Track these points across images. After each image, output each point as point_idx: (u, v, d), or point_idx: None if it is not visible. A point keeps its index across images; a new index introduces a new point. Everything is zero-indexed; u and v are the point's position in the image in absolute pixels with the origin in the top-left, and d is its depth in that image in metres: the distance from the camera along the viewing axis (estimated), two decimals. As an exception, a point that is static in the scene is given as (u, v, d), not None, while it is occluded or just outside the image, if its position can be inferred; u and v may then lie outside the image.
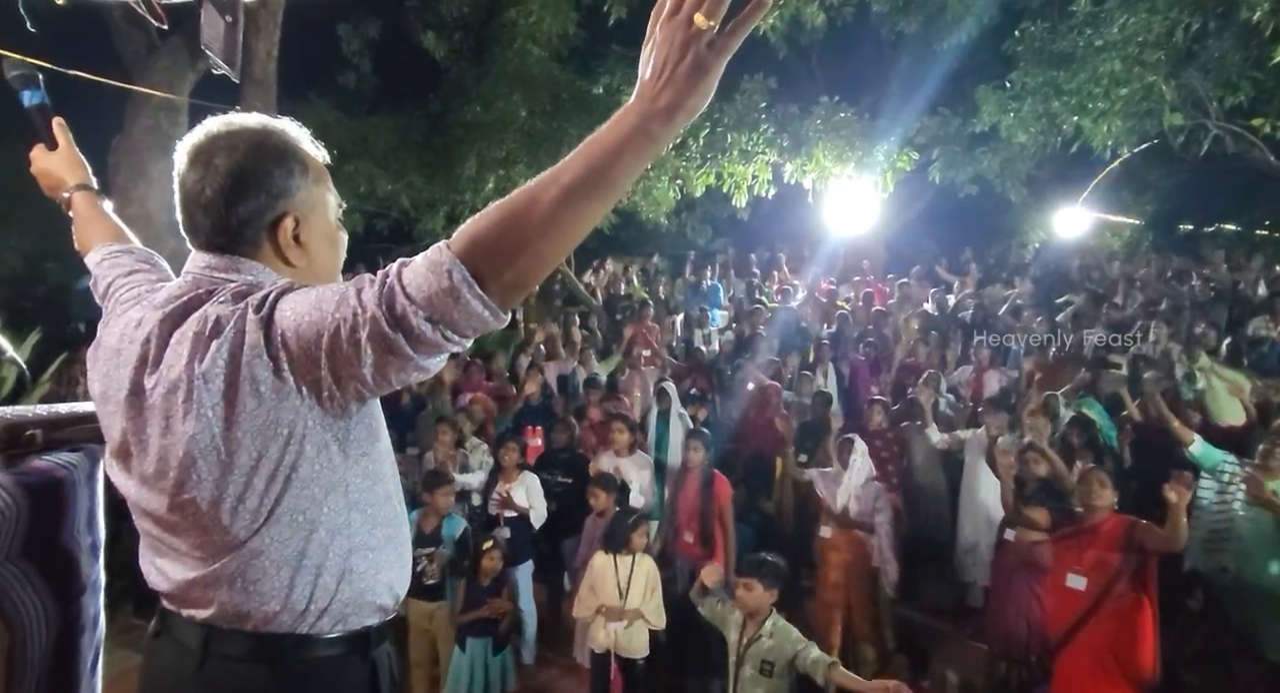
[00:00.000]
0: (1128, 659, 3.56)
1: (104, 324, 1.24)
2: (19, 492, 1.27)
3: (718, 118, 9.42)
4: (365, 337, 0.94)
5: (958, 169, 10.15)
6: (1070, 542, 3.84)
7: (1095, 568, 3.66)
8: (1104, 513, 3.76)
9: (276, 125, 1.19)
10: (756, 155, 9.14)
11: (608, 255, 11.58)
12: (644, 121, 0.89)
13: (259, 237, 1.15)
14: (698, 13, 0.87)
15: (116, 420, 1.13)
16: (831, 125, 8.84)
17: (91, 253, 1.50)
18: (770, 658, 3.15)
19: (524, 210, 0.90)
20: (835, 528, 4.81)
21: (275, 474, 1.04)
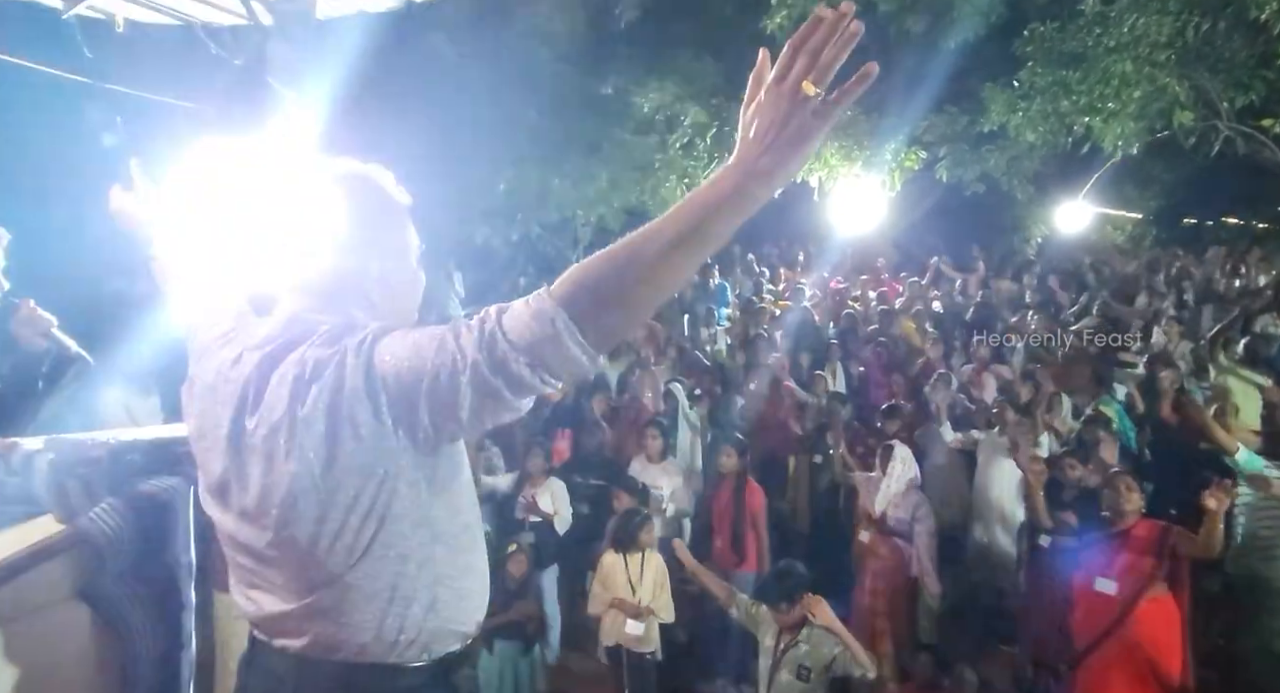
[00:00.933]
0: (1157, 666, 3.57)
1: (196, 360, 1.29)
2: (130, 514, 1.33)
3: (725, 117, 9.47)
4: (466, 381, 0.98)
5: (965, 167, 10.17)
6: (1101, 547, 3.83)
7: (1126, 573, 3.66)
8: (1134, 517, 3.75)
9: (368, 170, 1.24)
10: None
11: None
12: (745, 182, 0.94)
13: (347, 279, 1.20)
14: (806, 80, 0.91)
15: (216, 458, 1.17)
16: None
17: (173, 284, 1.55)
18: (807, 663, 3.21)
19: (625, 263, 0.96)
20: (874, 533, 4.81)
21: (370, 512, 1.08)
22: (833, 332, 8.53)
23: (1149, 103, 6.30)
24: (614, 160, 8.60)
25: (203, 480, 1.23)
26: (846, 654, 3.13)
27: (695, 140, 9.38)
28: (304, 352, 1.10)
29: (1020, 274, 11.52)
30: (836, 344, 7.66)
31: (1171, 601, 3.65)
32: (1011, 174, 10.32)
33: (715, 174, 0.97)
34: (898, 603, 4.77)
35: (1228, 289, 7.89)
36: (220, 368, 1.21)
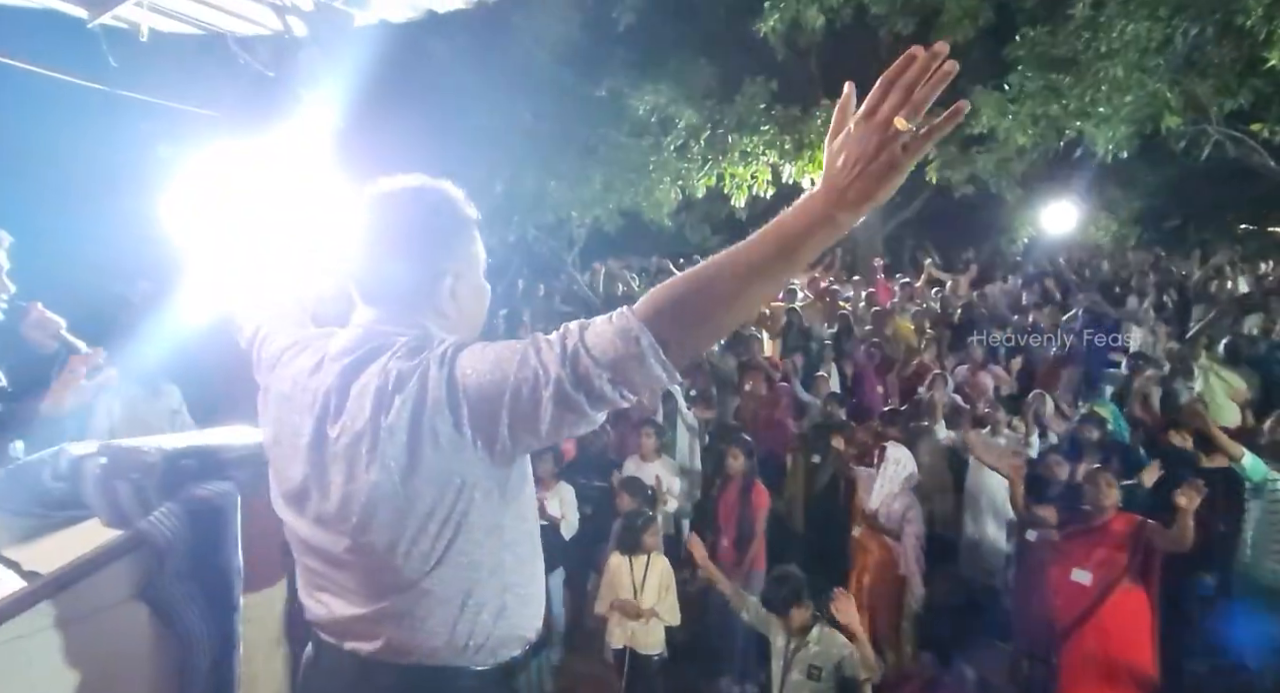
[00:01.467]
0: (1128, 655, 3.73)
1: (268, 370, 1.32)
2: (187, 518, 1.36)
3: (719, 119, 9.54)
4: (548, 396, 1.01)
5: (954, 169, 10.34)
6: (1079, 539, 3.99)
7: (1101, 565, 3.82)
8: (1111, 512, 3.92)
9: (441, 186, 1.27)
10: (757, 156, 9.27)
11: (608, 256, 11.67)
12: (832, 211, 0.97)
13: (423, 292, 1.23)
14: (899, 116, 0.93)
15: (294, 465, 1.20)
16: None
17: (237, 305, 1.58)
18: (817, 663, 3.26)
19: (710, 284, 0.99)
20: (865, 529, 4.91)
21: (447, 520, 1.11)
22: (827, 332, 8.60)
23: (1141, 107, 6.42)
24: (609, 162, 8.65)
25: (277, 486, 1.26)
26: (855, 655, 3.19)
27: (690, 142, 9.45)
28: (386, 363, 1.13)
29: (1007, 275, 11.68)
30: (830, 345, 7.73)
31: (1142, 593, 3.81)
32: (1000, 176, 10.48)
33: (800, 202, 1.00)
34: (884, 599, 4.86)
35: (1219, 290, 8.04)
36: (297, 377, 1.24)
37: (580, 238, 9.83)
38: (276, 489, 1.27)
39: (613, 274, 11.01)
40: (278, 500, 1.27)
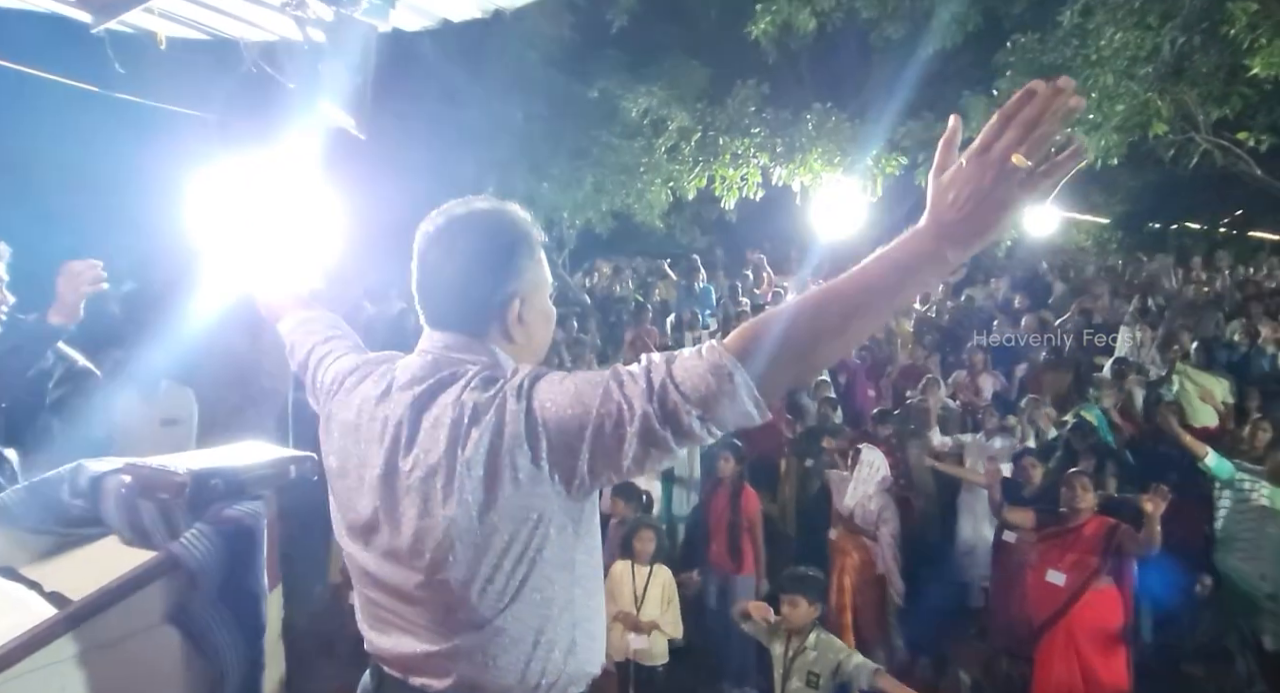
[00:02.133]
0: (1100, 653, 3.82)
1: (328, 396, 1.29)
2: (219, 540, 1.35)
3: (710, 121, 9.56)
4: (634, 432, 0.99)
5: (943, 173, 10.40)
6: (1054, 541, 4.08)
7: (1075, 567, 3.92)
8: (1086, 515, 4.00)
9: (511, 209, 1.25)
10: (748, 159, 9.30)
11: (596, 257, 11.66)
12: (942, 247, 0.95)
13: (491, 317, 1.20)
14: (1017, 153, 0.90)
15: (363, 496, 1.17)
16: (824, 131, 9.02)
17: (285, 319, 1.56)
18: (816, 669, 3.26)
19: (811, 321, 0.97)
20: (842, 530, 4.95)
21: (523, 556, 1.09)
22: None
23: (1131, 115, 6.50)
24: (601, 164, 8.65)
25: (342, 517, 1.23)
26: (853, 660, 3.20)
27: (680, 144, 9.46)
28: (460, 394, 1.11)
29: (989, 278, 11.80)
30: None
31: (1115, 593, 3.91)
32: (987, 180, 10.56)
33: (907, 236, 0.97)
34: (866, 598, 4.91)
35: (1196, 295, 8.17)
36: (363, 405, 1.20)
37: (570, 239, 9.82)
38: (341, 521, 1.24)
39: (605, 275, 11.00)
40: (342, 532, 1.24)
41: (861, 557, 4.93)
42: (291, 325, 1.53)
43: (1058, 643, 3.85)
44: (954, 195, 0.93)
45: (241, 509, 1.40)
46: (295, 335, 1.50)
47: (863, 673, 3.14)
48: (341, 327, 1.52)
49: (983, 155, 0.92)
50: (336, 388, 1.29)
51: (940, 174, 0.96)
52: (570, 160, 8.51)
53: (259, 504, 1.44)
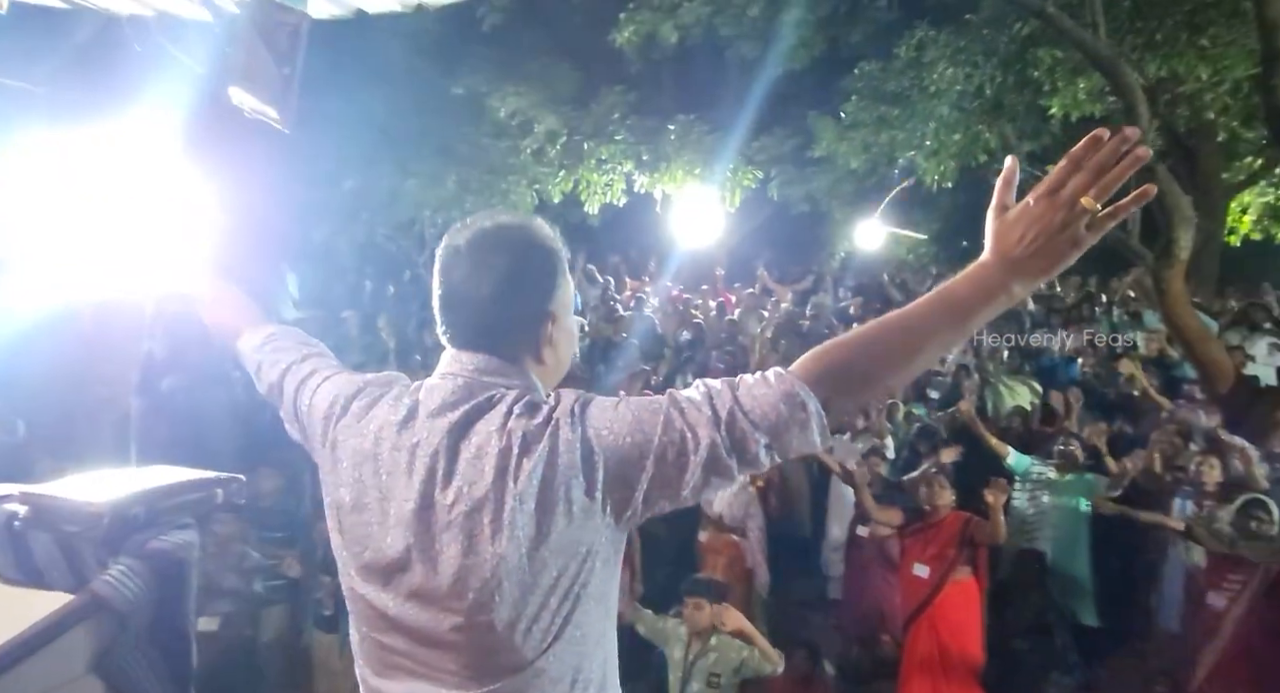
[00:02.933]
0: (960, 637, 4.19)
1: (327, 421, 1.18)
2: (149, 576, 1.20)
3: (576, 125, 9.60)
4: (698, 461, 0.97)
5: (793, 187, 11.10)
6: (918, 536, 4.43)
7: (937, 559, 4.27)
8: (945, 510, 4.37)
9: (540, 224, 1.18)
10: (614, 165, 9.42)
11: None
12: (1009, 282, 0.98)
13: (525, 338, 1.14)
14: (1086, 195, 0.94)
15: (390, 534, 1.07)
16: (687, 142, 9.32)
17: (245, 336, 1.40)
18: (717, 670, 3.34)
19: (883, 352, 0.99)
20: (713, 531, 5.10)
21: (569, 592, 1.04)
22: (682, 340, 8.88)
23: (967, 144, 7.21)
24: (467, 163, 8.43)
25: (355, 557, 1.11)
26: (755, 655, 3.32)
27: (545, 147, 9.42)
28: (506, 422, 1.04)
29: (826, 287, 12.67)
30: (689, 353, 7.99)
31: (973, 582, 4.32)
32: (832, 196, 11.38)
33: (972, 271, 1.00)
34: (736, 593, 5.13)
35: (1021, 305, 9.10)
36: (381, 433, 1.10)
37: (432, 238, 9.49)
38: (352, 561, 1.12)
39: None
40: (351, 572, 1.12)
41: (732, 553, 5.11)
42: (256, 342, 1.38)
43: (926, 631, 4.17)
44: (1021, 233, 0.96)
45: (172, 540, 1.25)
46: (263, 354, 1.35)
47: (766, 667, 3.26)
48: (313, 342, 1.39)
49: (1052, 196, 0.95)
50: (338, 412, 1.17)
51: (1002, 212, 0.99)
52: (435, 157, 8.22)
53: (191, 534, 1.30)
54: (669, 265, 11.70)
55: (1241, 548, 4.02)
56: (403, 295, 9.71)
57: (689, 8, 9.24)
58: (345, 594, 1.16)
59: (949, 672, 4.13)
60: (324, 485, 1.17)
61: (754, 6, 9.50)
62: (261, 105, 1.68)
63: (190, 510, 1.34)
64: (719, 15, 9.58)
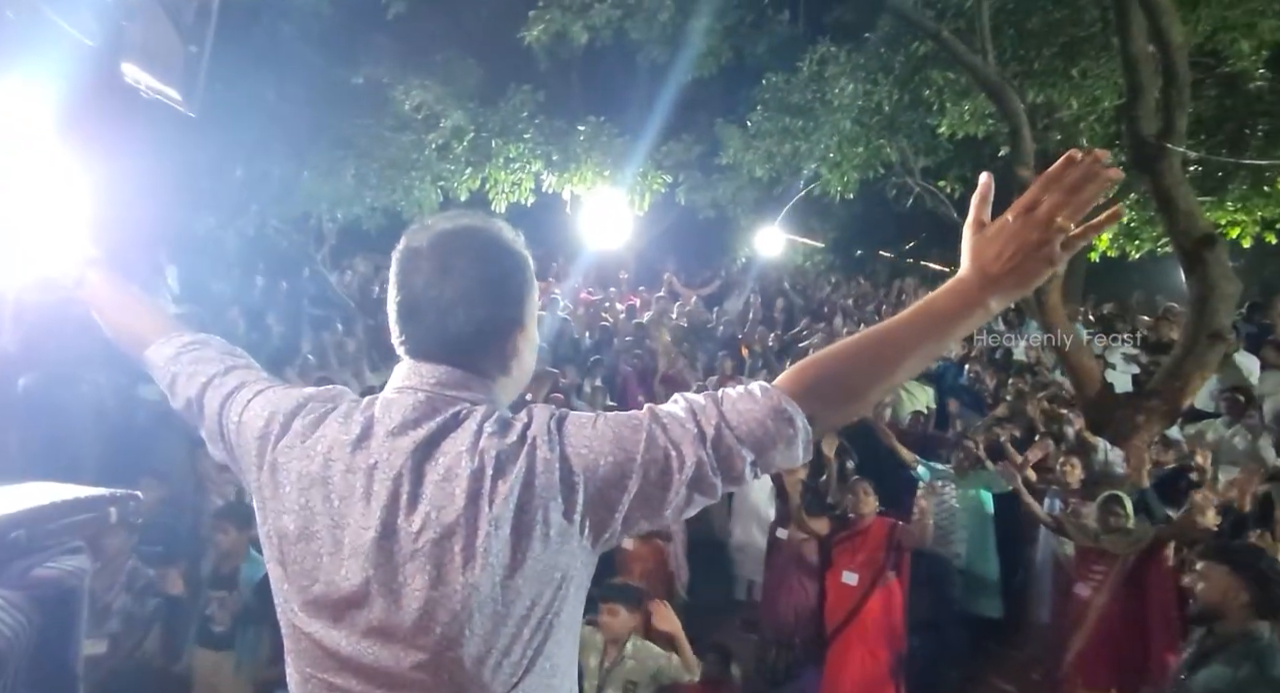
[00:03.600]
0: (885, 641, 4.32)
1: (263, 440, 1.06)
2: (32, 609, 1.06)
3: (482, 122, 9.40)
4: (682, 479, 0.94)
5: (700, 193, 11.28)
6: (846, 544, 4.53)
7: (865, 566, 4.39)
8: (870, 518, 4.50)
9: (506, 226, 1.11)
10: (524, 164, 9.28)
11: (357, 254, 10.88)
12: (987, 297, 0.99)
13: (490, 347, 1.07)
14: (1061, 215, 0.96)
15: (345, 565, 0.98)
16: (597, 144, 9.28)
17: (156, 346, 1.25)
18: (634, 678, 3.29)
19: (864, 364, 0.99)
20: (637, 540, 5.06)
21: (542, 621, 0.99)
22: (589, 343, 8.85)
23: (869, 158, 7.52)
24: (367, 156, 8.08)
25: (304, 590, 1.00)
26: (673, 663, 3.29)
27: (451, 143, 9.17)
28: (478, 441, 0.97)
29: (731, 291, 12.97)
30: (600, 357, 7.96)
31: (897, 585, 4.47)
32: (736, 202, 11.65)
33: (952, 285, 1.01)
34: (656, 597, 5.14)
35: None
36: (331, 453, 1.01)
37: (332, 234, 9.06)
38: (297, 595, 1.01)
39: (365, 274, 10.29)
40: (295, 609, 1.02)
41: (656, 559, 5.09)
42: (169, 352, 1.23)
43: (855, 638, 4.26)
44: (999, 250, 0.98)
45: (60, 567, 1.11)
46: (179, 365, 1.22)
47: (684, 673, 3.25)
48: (238, 351, 1.26)
49: (1029, 215, 0.98)
50: (277, 431, 1.06)
51: (980, 228, 1.01)
52: (332, 149, 7.83)
53: (81, 559, 1.16)
54: (577, 267, 11.65)
55: (1104, 541, 4.36)
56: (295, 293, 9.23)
57: (600, 9, 9.21)
58: (285, 631, 1.05)
59: (877, 674, 4.24)
60: (261, 513, 1.05)
61: (664, 12, 9.57)
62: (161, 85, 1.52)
63: (79, 533, 1.20)
64: (629, 19, 9.60)
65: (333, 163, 7.81)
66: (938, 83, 7.84)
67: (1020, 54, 7.55)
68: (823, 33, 8.94)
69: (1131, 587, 4.24)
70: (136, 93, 1.54)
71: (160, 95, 1.57)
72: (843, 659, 4.33)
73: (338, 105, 8.00)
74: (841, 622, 4.37)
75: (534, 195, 9.72)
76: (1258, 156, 9.22)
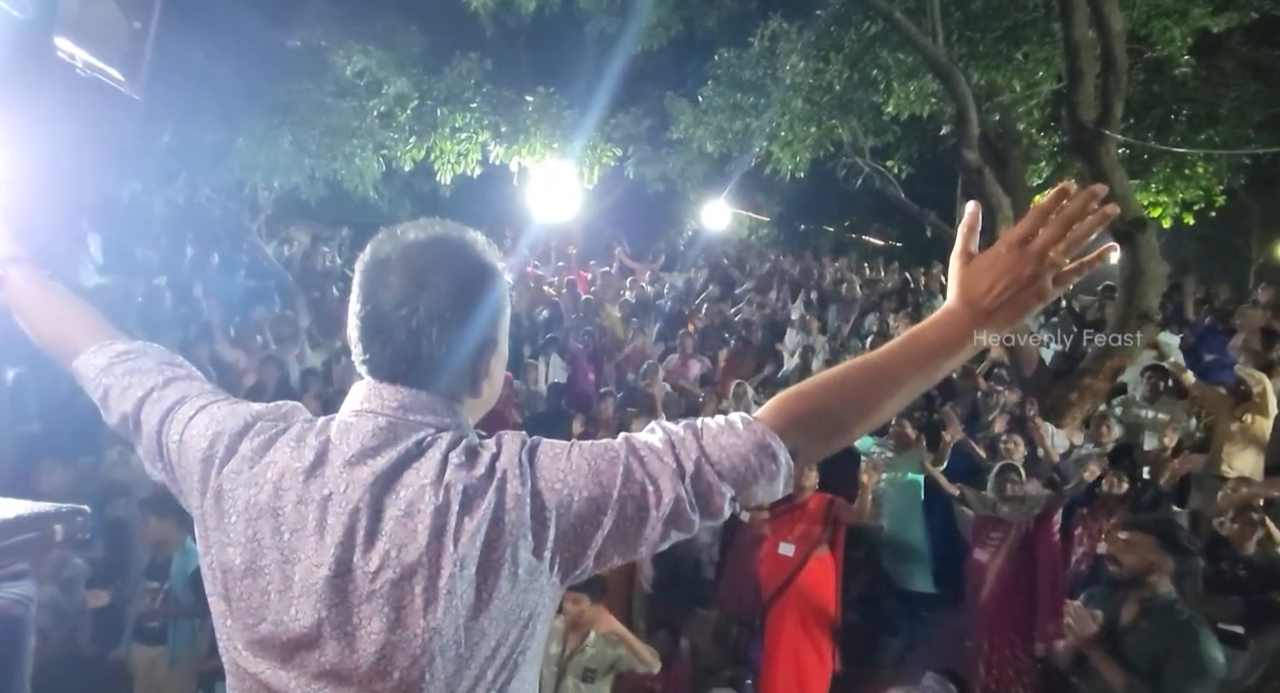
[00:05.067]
0: (818, 610, 4.47)
1: (205, 463, 0.98)
2: (-23, 643, 0.98)
3: (426, 90, 9.10)
4: (659, 515, 0.90)
5: (649, 167, 11.17)
6: (785, 517, 4.64)
7: (802, 538, 4.52)
8: (809, 491, 4.62)
9: (478, 236, 1.02)
10: (471, 134, 9.03)
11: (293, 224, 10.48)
12: (975, 330, 0.97)
13: (464, 369, 0.99)
14: (1054, 250, 0.94)
15: (293, 604, 0.91)
16: (546, 115, 9.08)
17: (86, 354, 1.14)
18: (593, 665, 3.32)
19: (850, 398, 0.96)
20: None
21: (507, 662, 0.94)
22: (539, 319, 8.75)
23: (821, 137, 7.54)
24: (305, 122, 7.74)
25: (249, 629, 0.94)
26: (630, 655, 3.33)
27: (394, 110, 8.85)
28: (443, 473, 0.91)
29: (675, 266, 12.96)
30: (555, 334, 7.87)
31: (830, 558, 4.61)
32: (685, 177, 11.59)
33: (940, 318, 0.99)
34: (619, 586, 5.18)
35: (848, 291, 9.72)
36: (283, 482, 0.93)
37: (268, 203, 8.68)
38: (242, 633, 0.94)
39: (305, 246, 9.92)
40: (239, 647, 0.95)
41: None
42: (101, 362, 1.13)
43: (789, 606, 4.40)
44: (991, 283, 0.96)
45: (4, 595, 1.04)
46: (111, 377, 1.11)
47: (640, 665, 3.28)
48: (178, 361, 1.16)
49: (1022, 248, 0.96)
50: (223, 453, 0.98)
51: (967, 259, 0.99)
52: (268, 115, 7.46)
53: (26, 585, 1.08)
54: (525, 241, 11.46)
55: (1000, 510, 4.59)
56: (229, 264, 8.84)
57: (547, -25, 8.99)
58: (228, 668, 0.98)
59: (810, 642, 4.38)
60: (203, 542, 0.98)
61: (613, -19, 9.40)
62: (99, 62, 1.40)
63: (22, 554, 1.12)
64: (578, -13, 9.40)
65: (269, 129, 7.46)
66: (887, 63, 7.90)
67: (966, 36, 7.66)
68: (774, 8, 8.89)
69: (1025, 553, 4.48)
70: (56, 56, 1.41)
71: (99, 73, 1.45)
72: (778, 628, 4.47)
73: (273, 69, 7.63)
74: (776, 591, 4.50)
75: (480, 167, 9.49)
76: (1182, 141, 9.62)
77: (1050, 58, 7.86)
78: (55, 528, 1.18)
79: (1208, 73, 9.69)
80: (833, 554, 4.57)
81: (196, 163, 7.31)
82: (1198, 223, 11.04)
